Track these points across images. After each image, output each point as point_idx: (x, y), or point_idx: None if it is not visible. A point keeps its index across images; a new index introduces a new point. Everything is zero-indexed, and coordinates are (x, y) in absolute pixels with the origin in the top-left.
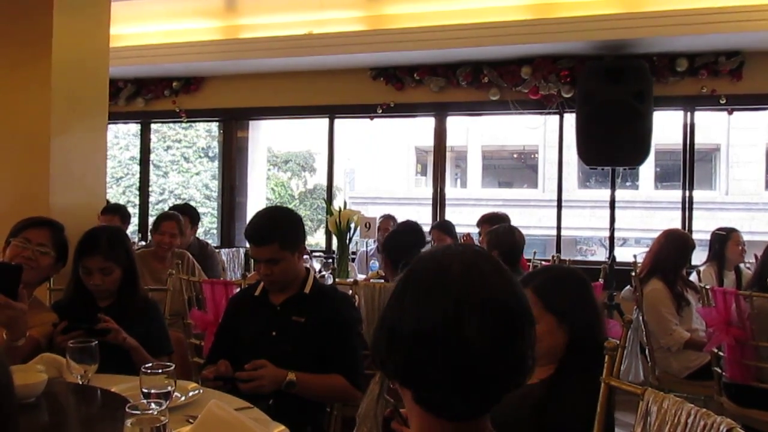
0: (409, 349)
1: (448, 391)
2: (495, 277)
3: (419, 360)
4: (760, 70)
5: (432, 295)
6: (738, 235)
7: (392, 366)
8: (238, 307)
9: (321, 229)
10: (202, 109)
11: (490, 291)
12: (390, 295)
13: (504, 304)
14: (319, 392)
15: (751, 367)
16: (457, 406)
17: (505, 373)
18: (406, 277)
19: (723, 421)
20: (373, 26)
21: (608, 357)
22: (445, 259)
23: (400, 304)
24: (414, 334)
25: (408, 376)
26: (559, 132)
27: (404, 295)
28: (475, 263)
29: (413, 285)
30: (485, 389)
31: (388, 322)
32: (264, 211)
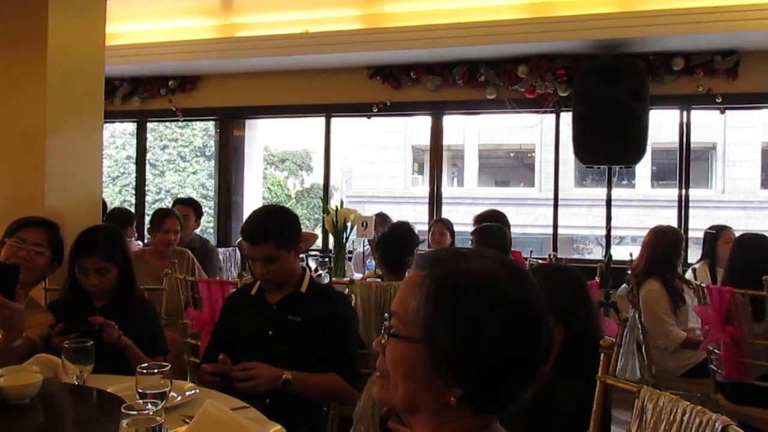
0: (487, 359)
1: (510, 389)
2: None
3: (500, 359)
4: (756, 69)
5: (518, 311)
6: (729, 232)
7: (459, 375)
8: (234, 306)
9: (318, 228)
10: (198, 107)
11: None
12: (431, 307)
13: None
14: (315, 391)
15: (746, 364)
16: (508, 401)
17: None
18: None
19: (718, 419)
20: (370, 25)
21: (604, 355)
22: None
23: (476, 321)
24: (496, 347)
25: (483, 380)
26: (555, 131)
27: (493, 318)
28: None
29: (494, 301)
30: (538, 375)
31: (450, 336)
32: (260, 210)
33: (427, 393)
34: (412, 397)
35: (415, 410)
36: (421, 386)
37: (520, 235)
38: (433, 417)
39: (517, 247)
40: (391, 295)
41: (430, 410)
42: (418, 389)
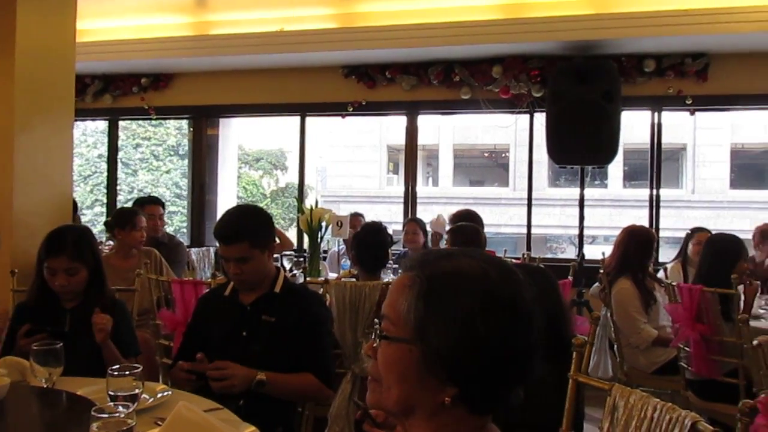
0: (484, 358)
1: (506, 388)
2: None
3: (493, 357)
4: (725, 72)
5: (509, 311)
6: (702, 234)
7: (453, 374)
8: (207, 306)
9: (293, 227)
10: (171, 106)
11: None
12: (424, 309)
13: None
14: (289, 392)
15: (715, 361)
16: (502, 400)
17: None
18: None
19: (687, 416)
20: (345, 24)
21: (576, 353)
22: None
23: (468, 320)
24: (488, 344)
25: (477, 378)
26: (529, 131)
27: (486, 317)
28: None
29: (485, 301)
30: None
31: (450, 336)
32: (233, 210)
33: (422, 393)
34: (406, 398)
35: (410, 412)
36: (416, 387)
37: (494, 235)
38: (429, 419)
39: (491, 246)
40: (366, 295)
41: (425, 412)
42: (413, 390)
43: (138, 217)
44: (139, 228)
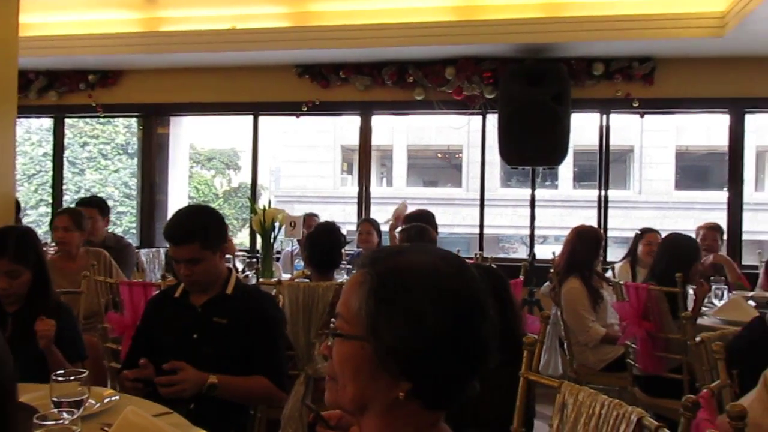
0: (431, 350)
1: (460, 382)
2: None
3: (446, 352)
4: (671, 76)
5: (452, 297)
6: (651, 236)
7: (406, 369)
8: (157, 309)
9: (245, 228)
10: (120, 103)
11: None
12: (371, 303)
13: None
14: (242, 395)
15: (660, 358)
16: (456, 395)
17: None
18: (402, 283)
19: (633, 411)
20: (298, 23)
21: (527, 352)
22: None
23: (410, 312)
24: (439, 338)
25: (429, 373)
26: (482, 132)
27: (437, 311)
28: (457, 258)
29: (419, 290)
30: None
31: (394, 330)
32: (184, 210)
33: (376, 390)
34: (361, 395)
35: (365, 409)
36: (370, 384)
37: (447, 235)
38: (383, 415)
39: (444, 246)
40: (320, 296)
41: (379, 408)
42: (367, 387)
43: (56, 218)
44: (55, 227)
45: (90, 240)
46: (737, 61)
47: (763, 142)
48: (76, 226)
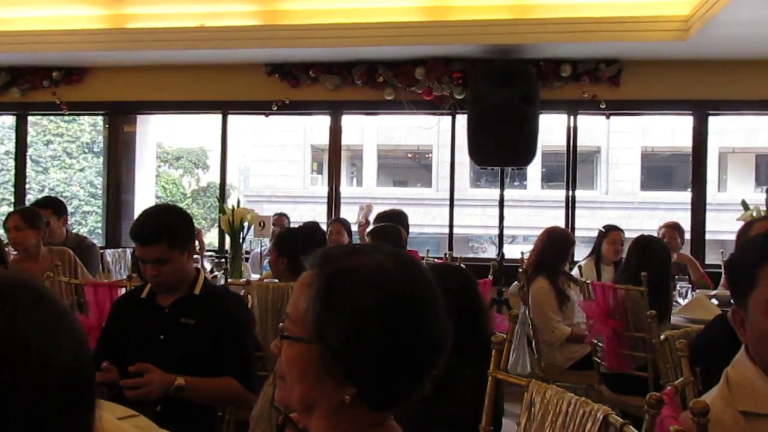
0: (375, 347)
1: (407, 385)
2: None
3: (392, 355)
4: (636, 78)
5: (396, 298)
6: (615, 234)
7: (351, 373)
8: (123, 310)
9: (214, 228)
10: (85, 101)
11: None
12: (315, 302)
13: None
14: (210, 396)
15: (626, 356)
16: (404, 397)
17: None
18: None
19: (600, 409)
20: (268, 21)
21: (495, 351)
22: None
23: (354, 311)
24: (386, 343)
25: (375, 376)
26: (451, 132)
27: (381, 315)
28: (411, 259)
29: (363, 290)
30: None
31: (342, 330)
32: (151, 210)
33: (322, 392)
34: (307, 397)
35: (311, 410)
36: (316, 386)
37: (417, 235)
38: (329, 416)
39: (414, 246)
40: (289, 296)
41: (325, 409)
42: (313, 389)
43: (8, 218)
44: (7, 229)
45: (50, 242)
46: (701, 64)
47: (726, 144)
48: (29, 225)
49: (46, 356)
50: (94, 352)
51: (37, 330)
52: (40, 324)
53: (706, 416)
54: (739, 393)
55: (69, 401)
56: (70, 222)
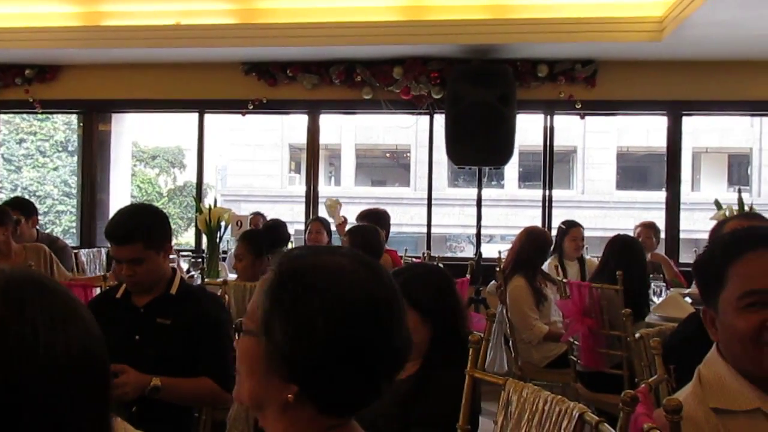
0: (326, 349)
1: (354, 389)
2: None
3: (337, 358)
4: (612, 78)
5: (347, 297)
6: (576, 230)
7: (292, 371)
8: (97, 310)
9: (191, 227)
10: (59, 99)
11: (393, 283)
12: (274, 303)
13: (397, 295)
14: (186, 397)
15: (602, 354)
16: (360, 401)
17: (407, 357)
18: (302, 283)
19: (576, 407)
20: (245, 20)
21: (472, 350)
22: (345, 262)
23: (305, 310)
24: (348, 344)
25: (317, 377)
26: (429, 132)
27: (325, 311)
28: (372, 263)
29: (316, 288)
30: (391, 377)
31: (293, 330)
32: (126, 209)
33: (267, 389)
34: (254, 393)
35: (261, 407)
36: (262, 382)
37: (396, 234)
38: (279, 415)
39: (392, 245)
40: None
41: (274, 408)
42: (259, 385)
43: None
44: None
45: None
46: (675, 65)
47: (699, 144)
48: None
49: (55, 347)
50: None
51: (45, 321)
52: (47, 315)
53: (679, 414)
54: (711, 390)
55: (81, 389)
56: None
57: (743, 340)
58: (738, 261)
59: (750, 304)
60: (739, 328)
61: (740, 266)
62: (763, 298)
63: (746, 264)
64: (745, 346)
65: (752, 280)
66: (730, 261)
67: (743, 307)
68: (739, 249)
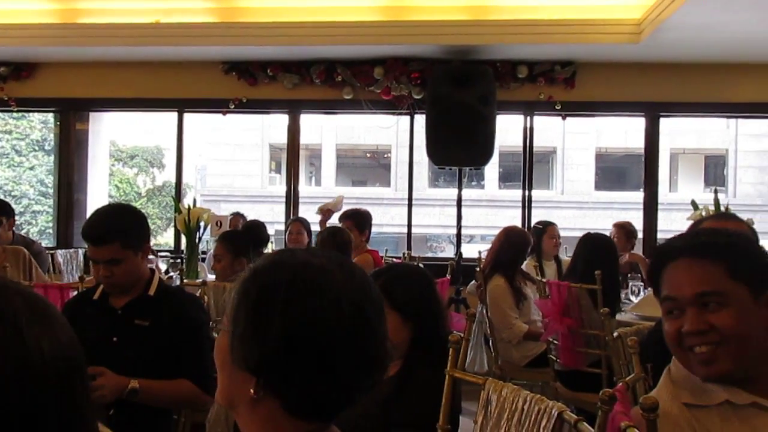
0: (299, 352)
1: (324, 388)
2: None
3: (291, 352)
4: (591, 80)
5: (327, 299)
6: (552, 228)
7: (250, 364)
8: (74, 312)
9: (170, 228)
10: (35, 98)
11: (370, 288)
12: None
13: (373, 299)
14: (165, 399)
15: (581, 353)
16: (335, 406)
17: (383, 366)
18: (278, 284)
19: (554, 406)
20: (225, 19)
21: (452, 350)
22: (324, 262)
23: (282, 314)
24: (308, 338)
25: (272, 370)
26: (410, 132)
27: (286, 303)
28: (350, 266)
29: (293, 292)
30: (363, 384)
31: (266, 333)
32: (103, 209)
33: (235, 383)
34: (227, 389)
35: (232, 405)
36: (230, 376)
37: (376, 234)
38: (249, 413)
39: (373, 246)
40: None
41: (244, 405)
42: (228, 380)
43: None
44: None
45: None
46: (652, 66)
47: (677, 145)
48: None
49: (32, 351)
50: None
51: (33, 331)
52: (35, 325)
53: (655, 412)
54: (681, 386)
55: (57, 394)
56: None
57: (672, 343)
58: (664, 269)
59: (668, 310)
60: (667, 332)
61: (665, 273)
62: (676, 305)
63: (666, 272)
64: (675, 350)
65: (668, 288)
66: (659, 269)
67: (666, 314)
68: (665, 257)
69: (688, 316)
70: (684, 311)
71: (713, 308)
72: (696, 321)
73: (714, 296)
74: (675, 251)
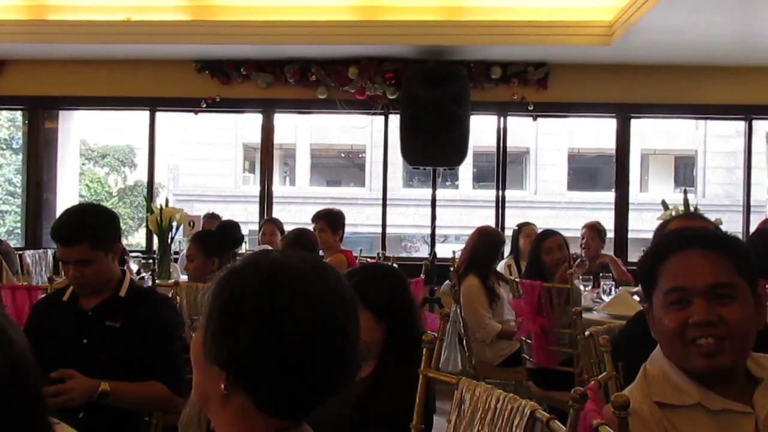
0: (269, 350)
1: (292, 385)
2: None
3: (258, 346)
4: (563, 81)
5: (307, 298)
6: (529, 228)
7: (218, 358)
8: (43, 313)
9: (142, 228)
10: (3, 95)
11: (343, 289)
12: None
13: (345, 300)
14: (136, 401)
15: (553, 352)
16: (305, 404)
17: (354, 366)
18: (251, 287)
19: (527, 405)
20: (198, 17)
21: (426, 349)
22: (295, 262)
23: (255, 314)
24: (278, 336)
25: (240, 365)
26: (384, 132)
27: (257, 301)
28: (324, 267)
29: (268, 292)
30: (334, 383)
31: (238, 332)
32: (73, 208)
33: (208, 379)
34: (202, 386)
35: (206, 402)
36: (204, 374)
37: (351, 234)
38: (221, 410)
39: (347, 245)
40: None
41: (216, 402)
42: (201, 377)
43: None
44: None
45: None
46: (624, 68)
47: (647, 146)
48: None
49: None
50: None
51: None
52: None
53: (626, 410)
54: (655, 385)
55: (8, 409)
56: None
57: (672, 337)
58: (667, 260)
59: (673, 301)
60: (667, 326)
61: (668, 265)
62: (684, 295)
63: (672, 263)
64: (674, 343)
65: (675, 278)
66: (661, 260)
67: (668, 305)
68: (668, 249)
69: (698, 306)
70: (690, 302)
71: (724, 301)
72: (707, 312)
73: (726, 288)
74: (685, 242)
